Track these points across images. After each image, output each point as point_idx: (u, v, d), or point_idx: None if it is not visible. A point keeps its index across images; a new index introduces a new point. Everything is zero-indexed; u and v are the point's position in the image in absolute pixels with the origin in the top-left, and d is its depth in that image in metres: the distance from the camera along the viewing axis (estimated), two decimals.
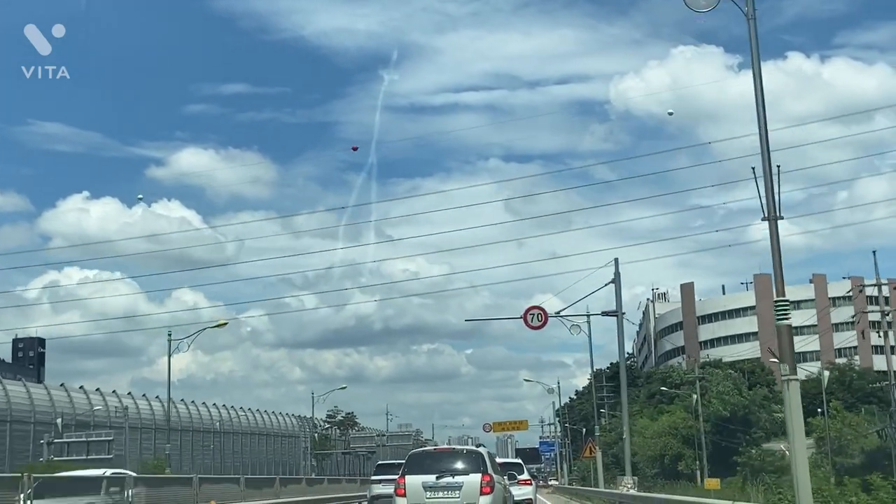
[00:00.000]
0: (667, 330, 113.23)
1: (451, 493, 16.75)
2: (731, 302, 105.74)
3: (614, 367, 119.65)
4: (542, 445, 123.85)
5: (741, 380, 70.97)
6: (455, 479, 16.81)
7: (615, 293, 26.96)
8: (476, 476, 16.81)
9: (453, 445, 27.99)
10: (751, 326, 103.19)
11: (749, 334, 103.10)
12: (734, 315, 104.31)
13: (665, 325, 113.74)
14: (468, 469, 17.01)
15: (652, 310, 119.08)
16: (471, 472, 16.91)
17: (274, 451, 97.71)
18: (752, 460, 53.63)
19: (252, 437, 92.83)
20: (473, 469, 17.00)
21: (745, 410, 63.13)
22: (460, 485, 16.74)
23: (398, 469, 27.22)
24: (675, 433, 67.59)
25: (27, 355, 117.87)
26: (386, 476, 27.45)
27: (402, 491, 16.98)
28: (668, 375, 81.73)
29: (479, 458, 17.44)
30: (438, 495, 16.77)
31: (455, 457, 17.67)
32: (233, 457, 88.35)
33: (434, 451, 19.04)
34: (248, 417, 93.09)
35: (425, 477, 16.90)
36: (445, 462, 17.35)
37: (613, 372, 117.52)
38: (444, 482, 16.80)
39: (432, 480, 16.80)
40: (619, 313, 27.02)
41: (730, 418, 62.90)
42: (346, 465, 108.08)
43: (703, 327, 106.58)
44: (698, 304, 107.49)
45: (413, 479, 16.98)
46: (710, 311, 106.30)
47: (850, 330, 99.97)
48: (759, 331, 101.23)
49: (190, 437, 78.76)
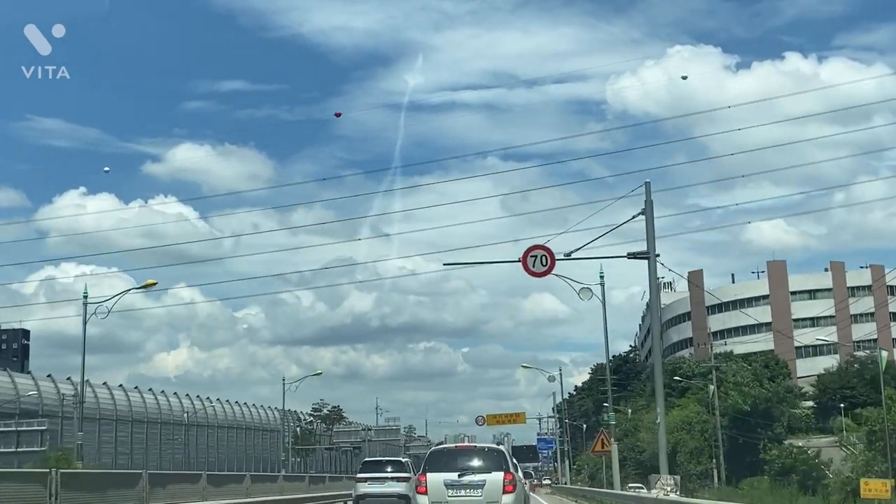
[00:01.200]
0: (673, 321, 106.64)
1: (473, 491, 16.52)
2: (742, 290, 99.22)
3: (618, 360, 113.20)
4: (540, 443, 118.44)
5: (762, 370, 64.52)
6: (477, 478, 16.55)
7: (646, 230, 20.24)
8: (498, 474, 16.57)
9: (474, 443, 26.38)
10: (764, 316, 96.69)
11: (762, 325, 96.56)
12: (746, 304, 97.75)
13: (672, 316, 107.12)
14: (490, 467, 16.76)
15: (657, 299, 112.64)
16: (493, 471, 16.65)
17: (254, 447, 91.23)
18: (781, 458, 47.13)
19: (227, 431, 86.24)
20: (496, 467, 16.74)
21: (767, 404, 56.76)
22: (483, 483, 16.50)
23: (386, 466, 26.40)
24: (689, 428, 61.17)
25: (10, 347, 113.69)
26: (372, 474, 26.13)
27: (424, 489, 16.76)
28: (677, 366, 75.29)
29: (502, 457, 17.23)
30: (460, 493, 16.53)
31: (477, 454, 17.36)
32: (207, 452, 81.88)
33: (455, 449, 18.77)
34: (223, 409, 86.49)
35: (447, 475, 16.66)
36: (467, 460, 17.05)
37: (617, 364, 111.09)
38: (467, 480, 16.55)
39: (454, 478, 16.57)
40: (652, 253, 20.40)
41: (749, 412, 56.57)
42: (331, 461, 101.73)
43: (712, 317, 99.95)
44: (708, 293, 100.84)
45: (434, 476, 16.72)
46: (720, 301, 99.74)
47: (869, 321, 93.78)
48: (773, 321, 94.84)
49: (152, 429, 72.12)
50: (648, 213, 20.18)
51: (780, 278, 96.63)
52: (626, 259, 20.76)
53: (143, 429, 70.85)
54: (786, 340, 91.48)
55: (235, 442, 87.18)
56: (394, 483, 25.59)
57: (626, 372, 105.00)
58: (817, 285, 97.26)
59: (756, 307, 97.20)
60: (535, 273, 21.17)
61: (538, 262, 21.22)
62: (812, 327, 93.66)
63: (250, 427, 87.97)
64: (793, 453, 47.67)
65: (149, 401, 73.21)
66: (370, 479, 25.94)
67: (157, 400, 74.76)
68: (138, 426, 70.32)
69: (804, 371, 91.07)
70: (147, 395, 74.61)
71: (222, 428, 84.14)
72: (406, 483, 25.40)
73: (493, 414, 67.37)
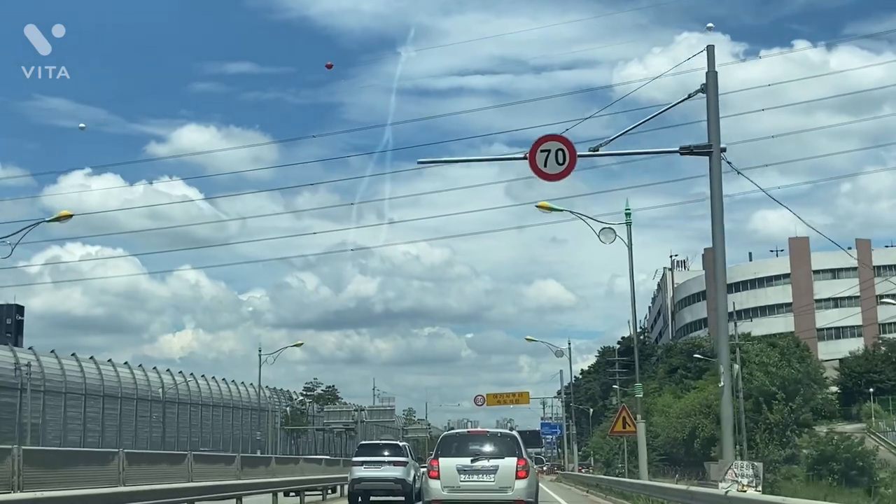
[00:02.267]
0: (687, 301, 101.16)
1: (485, 476, 16.50)
2: (761, 269, 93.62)
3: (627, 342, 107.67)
4: (544, 427, 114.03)
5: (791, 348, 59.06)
6: (490, 463, 16.55)
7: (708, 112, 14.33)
8: (511, 460, 16.57)
9: (487, 429, 24.32)
10: (783, 296, 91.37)
11: (782, 305, 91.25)
12: (764, 284, 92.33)
13: (685, 296, 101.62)
14: (503, 452, 16.76)
15: (670, 279, 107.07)
16: (506, 456, 16.65)
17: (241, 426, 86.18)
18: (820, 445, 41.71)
19: (213, 410, 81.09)
20: (508, 453, 16.74)
21: (797, 385, 51.32)
22: (495, 468, 16.48)
23: (383, 450, 25.49)
24: (707, 412, 55.81)
25: (4, 322, 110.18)
26: (369, 458, 25.15)
27: (436, 473, 16.73)
28: (694, 346, 70.02)
29: (515, 442, 17.23)
30: (473, 479, 16.51)
31: (490, 440, 17.37)
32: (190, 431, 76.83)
33: (468, 434, 18.94)
34: (208, 387, 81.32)
35: (459, 460, 16.66)
36: (480, 445, 17.05)
37: (627, 347, 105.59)
38: (479, 465, 16.51)
39: (467, 463, 16.56)
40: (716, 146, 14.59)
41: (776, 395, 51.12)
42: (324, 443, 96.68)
43: (729, 297, 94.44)
44: None
45: (447, 461, 16.73)
46: (737, 279, 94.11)
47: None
48: (794, 301, 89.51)
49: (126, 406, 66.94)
50: (711, 87, 14.44)
51: (802, 256, 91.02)
52: None
53: (116, 405, 65.72)
54: (806, 321, 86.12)
55: (222, 421, 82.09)
56: (391, 467, 24.70)
57: None
58: (841, 264, 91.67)
59: (776, 286, 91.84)
60: (547, 175, 15.36)
61: (552, 160, 15.14)
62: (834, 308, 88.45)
63: (237, 406, 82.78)
64: (833, 440, 42.19)
65: (124, 375, 67.97)
66: (366, 462, 24.89)
67: (134, 375, 69.44)
68: (111, 402, 65.17)
69: (826, 355, 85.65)
70: (122, 370, 69.28)
71: (206, 406, 78.96)
72: (403, 467, 24.80)
73: (494, 393, 61.73)
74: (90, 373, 63.18)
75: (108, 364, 67.40)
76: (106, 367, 66.21)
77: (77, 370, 62.06)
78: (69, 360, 61.92)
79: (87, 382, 62.29)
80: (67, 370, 60.46)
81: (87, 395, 61.84)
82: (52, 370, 58.71)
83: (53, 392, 58.10)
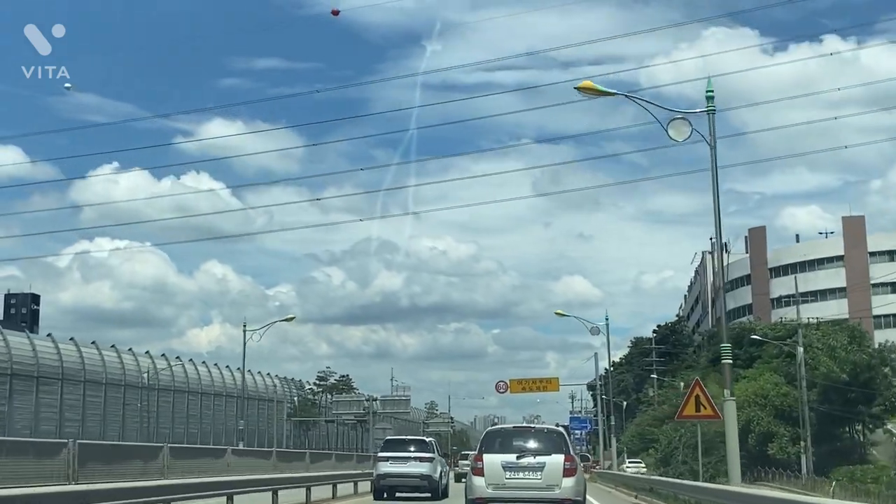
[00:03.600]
0: (729, 286, 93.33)
1: (532, 473, 16.03)
2: (812, 250, 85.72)
3: (664, 329, 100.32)
4: (574, 422, 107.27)
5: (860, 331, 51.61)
6: (537, 460, 16.10)
7: None
8: (559, 457, 16.13)
9: (533, 424, 24.35)
10: (837, 280, 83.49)
11: (835, 290, 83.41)
12: (816, 266, 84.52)
13: (727, 280, 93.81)
14: (550, 449, 16.33)
15: (710, 263, 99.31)
16: (553, 453, 16.21)
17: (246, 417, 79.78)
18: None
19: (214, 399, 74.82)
20: (556, 449, 16.32)
21: (871, 372, 44.02)
22: (542, 465, 16.07)
23: (409, 446, 25.91)
24: (763, 403, 48.61)
25: (19, 312, 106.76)
26: (395, 453, 25.14)
27: (481, 470, 16.28)
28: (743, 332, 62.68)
29: (562, 438, 16.85)
30: (518, 476, 16.07)
31: (535, 435, 16.91)
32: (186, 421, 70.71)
33: (513, 429, 17.94)
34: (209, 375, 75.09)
35: (505, 456, 16.25)
36: (525, 441, 16.60)
37: (663, 335, 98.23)
38: (526, 462, 16.08)
39: (512, 460, 16.16)
40: None
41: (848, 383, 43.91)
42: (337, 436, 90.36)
43: (776, 281, 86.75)
44: (771, 253, 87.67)
45: (492, 458, 16.32)
46: (784, 262, 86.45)
47: None
48: (849, 285, 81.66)
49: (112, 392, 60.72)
50: None
51: (858, 236, 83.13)
52: None
53: (99, 392, 59.59)
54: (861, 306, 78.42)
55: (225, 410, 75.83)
56: (417, 463, 24.70)
57: (672, 343, 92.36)
58: None
59: (828, 269, 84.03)
60: None
61: None
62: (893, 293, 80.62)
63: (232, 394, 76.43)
64: None
65: (110, 360, 61.80)
66: (392, 458, 24.96)
67: (122, 360, 63.21)
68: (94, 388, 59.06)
69: None
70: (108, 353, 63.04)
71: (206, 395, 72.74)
72: (430, 463, 24.78)
73: (519, 379, 54.10)
74: (70, 357, 57.18)
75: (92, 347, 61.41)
76: (88, 351, 60.17)
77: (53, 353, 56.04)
78: (43, 342, 56.07)
79: (65, 367, 56.21)
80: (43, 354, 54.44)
81: (63, 379, 55.80)
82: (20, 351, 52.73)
83: (20, 376, 52.08)
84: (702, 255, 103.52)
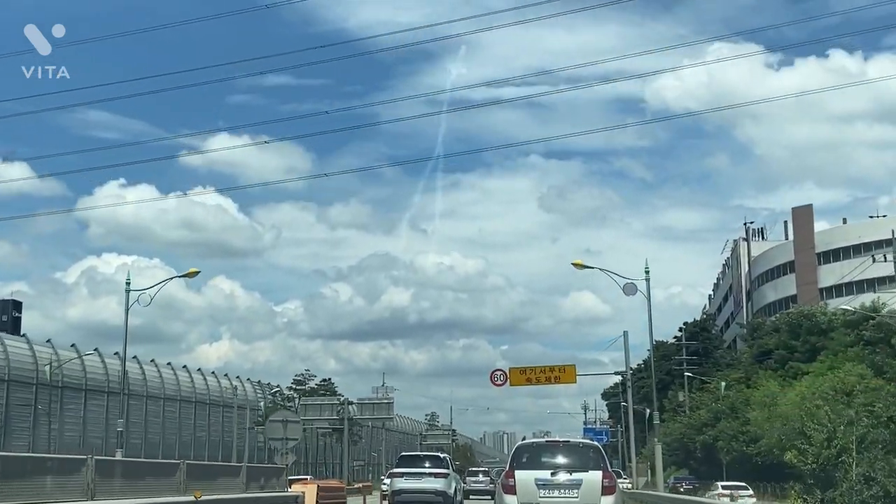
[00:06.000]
0: (768, 275, 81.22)
1: (568, 492, 14.99)
2: (867, 232, 73.29)
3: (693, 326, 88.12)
4: (588, 433, 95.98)
5: None
6: (573, 477, 14.99)
7: None
8: (596, 474, 15.02)
9: (567, 438, 20.37)
10: None
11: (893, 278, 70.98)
12: (872, 248, 72.15)
13: (766, 269, 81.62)
14: (587, 465, 15.21)
15: (744, 251, 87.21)
16: (590, 469, 15.09)
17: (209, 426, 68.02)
18: None
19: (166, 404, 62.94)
20: (593, 465, 15.20)
21: None
22: (579, 483, 14.96)
23: (424, 462, 26.30)
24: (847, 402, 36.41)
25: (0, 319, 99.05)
26: (410, 469, 25.40)
27: (513, 488, 15.16)
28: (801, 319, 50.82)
29: (599, 454, 15.76)
30: (554, 494, 14.98)
31: (570, 451, 15.72)
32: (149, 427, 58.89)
33: (546, 444, 16.92)
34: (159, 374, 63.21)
35: (539, 473, 15.13)
36: (560, 456, 15.53)
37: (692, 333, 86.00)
38: (562, 479, 14.98)
39: (546, 477, 15.04)
40: None
41: None
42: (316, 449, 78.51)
43: (824, 268, 74.55)
44: (819, 235, 75.46)
45: (524, 474, 15.16)
46: (835, 245, 74.25)
47: None
48: None
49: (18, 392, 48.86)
50: None
51: None
52: None
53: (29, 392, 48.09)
54: None
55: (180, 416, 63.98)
56: (431, 479, 24.67)
57: (701, 342, 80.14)
58: None
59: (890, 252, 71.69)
60: None
61: None
62: None
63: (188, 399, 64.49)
64: None
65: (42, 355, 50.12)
66: (407, 473, 25.15)
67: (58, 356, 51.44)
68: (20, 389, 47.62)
69: None
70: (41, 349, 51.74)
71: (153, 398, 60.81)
72: (444, 479, 24.79)
73: (522, 367, 40.75)
74: None
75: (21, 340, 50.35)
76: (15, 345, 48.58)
77: None
78: None
79: None
80: None
81: None
82: None
83: None
84: (733, 243, 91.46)
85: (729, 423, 49.32)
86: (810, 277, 73.94)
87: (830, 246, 74.41)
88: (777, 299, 78.07)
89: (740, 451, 47.11)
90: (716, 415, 53.88)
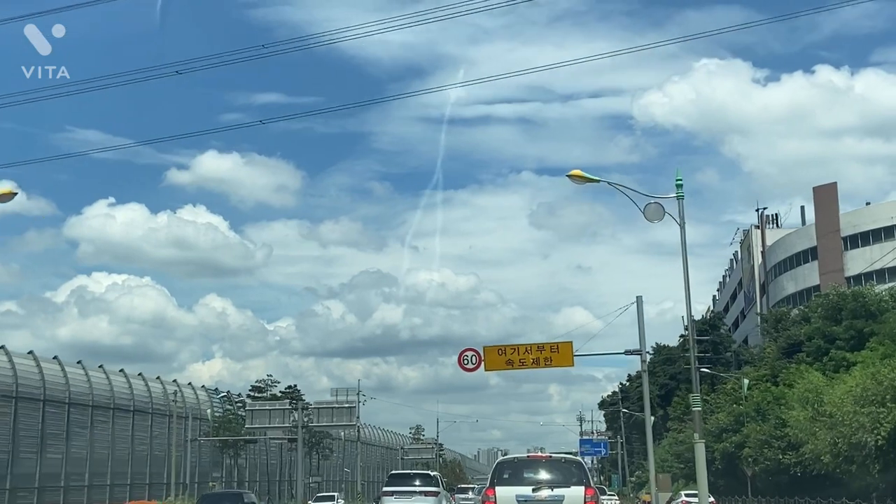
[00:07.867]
0: (786, 264, 72.32)
1: None
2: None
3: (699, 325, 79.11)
4: (584, 445, 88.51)
5: None
6: (555, 493, 14.96)
7: None
8: (578, 489, 14.96)
9: (549, 453, 19.39)
10: None
11: None
12: None
13: (785, 256, 72.61)
14: (568, 480, 15.17)
15: (757, 240, 78.39)
16: (571, 485, 15.07)
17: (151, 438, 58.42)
18: None
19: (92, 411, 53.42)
20: (575, 481, 15.16)
21: None
22: (560, 499, 14.94)
23: (414, 480, 26.53)
24: None
25: None
26: (400, 487, 25.33)
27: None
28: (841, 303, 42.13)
29: (581, 469, 15.82)
30: None
31: (551, 466, 15.78)
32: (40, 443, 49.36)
33: (528, 459, 16.67)
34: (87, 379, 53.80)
35: (519, 489, 15.13)
36: (541, 472, 15.49)
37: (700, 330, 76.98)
38: (543, 496, 14.94)
39: (528, 493, 15.04)
40: None
41: None
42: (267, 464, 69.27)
43: (851, 254, 65.67)
44: (844, 217, 66.54)
45: (505, 490, 15.24)
46: (864, 229, 65.38)
47: None
48: None
49: None
50: None
51: None
52: None
53: None
54: None
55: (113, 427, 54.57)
56: (422, 498, 24.70)
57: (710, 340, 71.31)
58: None
59: None
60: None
61: None
62: None
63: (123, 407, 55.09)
64: None
65: None
66: (397, 492, 25.01)
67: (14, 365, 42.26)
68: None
69: None
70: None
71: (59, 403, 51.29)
72: (434, 498, 24.64)
73: (500, 346, 29.14)
74: None
75: None
76: None
77: None
78: None
79: None
80: None
81: None
82: None
83: None
84: (744, 233, 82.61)
85: (758, 426, 40.43)
86: (835, 264, 65.02)
87: (858, 229, 65.52)
88: (797, 291, 69.09)
89: (774, 461, 38.17)
90: (737, 418, 45.00)
